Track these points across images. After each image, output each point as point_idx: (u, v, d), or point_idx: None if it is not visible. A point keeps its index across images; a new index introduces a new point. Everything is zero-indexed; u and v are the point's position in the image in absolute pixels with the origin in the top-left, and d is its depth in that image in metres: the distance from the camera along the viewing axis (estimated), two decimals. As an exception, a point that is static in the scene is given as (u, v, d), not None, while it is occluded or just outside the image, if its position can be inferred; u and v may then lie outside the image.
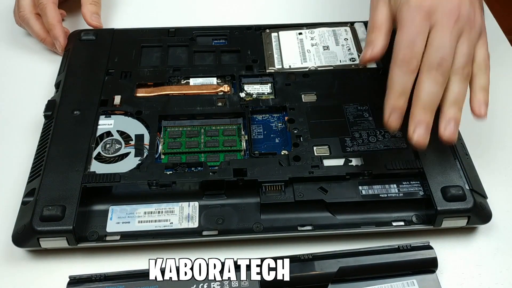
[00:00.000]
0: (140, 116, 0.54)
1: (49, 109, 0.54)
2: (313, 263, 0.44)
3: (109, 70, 0.58)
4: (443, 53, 0.45)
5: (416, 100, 0.45)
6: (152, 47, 0.62)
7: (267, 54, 0.61)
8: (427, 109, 0.45)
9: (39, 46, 0.66)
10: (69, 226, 0.45)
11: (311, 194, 0.48)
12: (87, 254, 0.47)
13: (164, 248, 0.47)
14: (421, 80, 0.45)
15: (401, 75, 0.45)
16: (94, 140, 0.51)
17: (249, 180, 0.48)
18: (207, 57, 0.62)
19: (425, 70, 0.45)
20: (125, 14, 0.71)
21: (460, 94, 0.46)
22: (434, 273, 0.45)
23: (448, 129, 0.45)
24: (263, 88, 0.58)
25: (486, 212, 0.48)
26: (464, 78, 0.46)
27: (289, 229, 0.47)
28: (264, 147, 0.53)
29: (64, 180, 0.48)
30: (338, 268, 0.44)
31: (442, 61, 0.45)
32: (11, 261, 0.47)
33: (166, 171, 0.49)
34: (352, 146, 0.51)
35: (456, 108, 0.46)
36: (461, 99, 0.46)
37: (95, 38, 0.62)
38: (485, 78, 0.48)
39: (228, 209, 0.48)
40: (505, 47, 0.67)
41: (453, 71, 0.46)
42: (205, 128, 0.54)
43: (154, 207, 0.48)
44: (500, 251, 0.48)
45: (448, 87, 0.46)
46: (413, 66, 0.45)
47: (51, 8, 0.63)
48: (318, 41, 0.63)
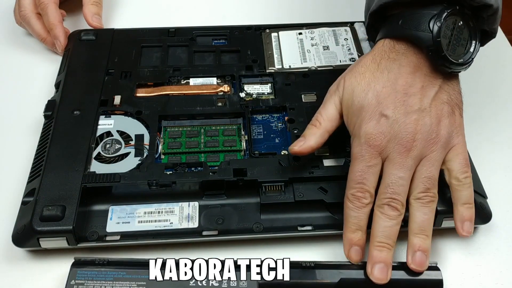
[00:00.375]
0: (140, 116, 0.54)
1: (49, 109, 0.54)
2: (314, 271, 0.44)
3: (109, 70, 0.58)
4: (393, 188, 0.44)
5: (372, 237, 0.44)
6: (152, 47, 0.62)
7: (267, 54, 0.61)
8: (382, 246, 0.43)
9: (39, 46, 0.66)
10: (69, 226, 0.45)
11: (311, 194, 0.48)
12: (87, 254, 0.47)
13: (164, 248, 0.47)
14: (374, 216, 0.44)
15: (354, 210, 0.44)
16: (94, 140, 0.51)
17: (249, 180, 0.48)
18: (207, 57, 0.62)
19: (377, 206, 0.44)
20: (125, 14, 0.71)
21: (424, 221, 0.44)
22: None
23: (416, 259, 0.44)
24: (263, 88, 0.58)
25: (486, 212, 0.48)
26: (426, 202, 0.44)
27: (289, 229, 0.47)
28: (264, 147, 0.53)
29: (64, 180, 0.48)
30: (339, 279, 0.44)
31: (394, 196, 0.44)
32: (11, 261, 0.47)
33: (166, 171, 0.49)
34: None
35: (422, 237, 0.44)
36: (426, 225, 0.44)
37: (95, 38, 0.62)
38: (466, 191, 0.46)
39: (228, 209, 0.48)
40: (505, 47, 0.67)
41: (413, 199, 0.45)
42: (205, 128, 0.54)
43: (154, 207, 0.48)
44: (500, 251, 0.48)
45: (411, 216, 0.45)
46: (364, 202, 0.44)
47: (52, 8, 0.63)
48: (318, 41, 0.63)
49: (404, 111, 0.45)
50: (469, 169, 0.46)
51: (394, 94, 0.46)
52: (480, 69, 0.62)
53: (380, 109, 0.46)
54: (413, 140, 0.45)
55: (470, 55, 0.47)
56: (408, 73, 0.46)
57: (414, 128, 0.45)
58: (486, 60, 0.61)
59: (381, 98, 0.46)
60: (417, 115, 0.45)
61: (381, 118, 0.45)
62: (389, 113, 0.45)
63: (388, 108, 0.45)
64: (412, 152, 0.45)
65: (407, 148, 0.45)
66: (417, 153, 0.45)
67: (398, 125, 0.45)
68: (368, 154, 0.45)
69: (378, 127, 0.45)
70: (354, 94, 0.47)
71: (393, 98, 0.46)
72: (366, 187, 0.44)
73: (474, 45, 0.47)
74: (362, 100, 0.46)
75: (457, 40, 0.46)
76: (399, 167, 0.44)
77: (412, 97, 0.46)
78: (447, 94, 0.47)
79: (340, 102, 0.49)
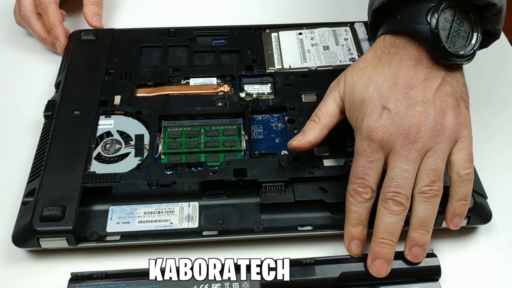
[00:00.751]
0: (140, 116, 0.54)
1: (49, 109, 0.54)
2: (314, 268, 0.44)
3: (109, 70, 0.58)
4: (397, 182, 0.43)
5: (374, 232, 0.44)
6: (152, 47, 0.62)
7: (267, 54, 0.61)
8: (385, 243, 0.43)
9: (39, 46, 0.66)
10: (69, 226, 0.45)
11: (311, 194, 0.48)
12: (87, 254, 0.47)
13: (164, 248, 0.47)
14: (378, 211, 0.44)
15: (355, 205, 0.44)
16: (94, 140, 0.51)
17: (249, 180, 0.48)
18: (207, 57, 0.62)
19: (381, 200, 0.44)
20: (125, 14, 0.71)
21: (426, 216, 0.44)
22: (437, 281, 0.45)
23: (412, 252, 0.44)
24: (263, 88, 0.58)
25: (486, 212, 0.48)
26: (430, 197, 0.44)
27: (289, 229, 0.47)
28: (264, 147, 0.53)
29: (64, 180, 0.48)
30: (340, 273, 0.44)
31: (397, 190, 0.43)
32: (11, 261, 0.47)
33: (166, 171, 0.49)
34: (352, 146, 0.51)
35: (422, 232, 0.44)
36: (428, 221, 0.44)
37: (95, 38, 0.62)
38: (465, 187, 0.45)
39: (228, 209, 0.48)
40: (505, 47, 0.67)
41: (417, 192, 0.44)
42: (205, 128, 0.54)
43: (154, 207, 0.48)
44: (500, 251, 0.48)
45: (413, 209, 0.44)
46: (365, 197, 0.44)
47: (53, 8, 0.63)
48: (318, 41, 0.63)
49: (406, 103, 0.45)
50: (472, 164, 0.45)
51: (396, 87, 0.45)
52: (480, 69, 0.62)
53: (381, 102, 0.45)
54: (417, 132, 0.44)
55: (472, 47, 0.46)
56: (409, 66, 0.46)
57: (418, 120, 0.44)
58: (486, 60, 0.61)
59: (382, 91, 0.45)
60: (421, 107, 0.44)
61: (383, 111, 0.45)
62: (391, 106, 0.45)
63: (390, 101, 0.45)
64: (416, 144, 0.44)
65: (411, 140, 0.44)
66: (422, 145, 0.44)
67: (400, 118, 0.44)
68: (370, 148, 0.44)
69: (380, 121, 0.44)
70: (355, 89, 0.47)
71: (395, 91, 0.45)
72: (367, 182, 0.44)
73: (476, 38, 0.47)
74: (363, 94, 0.46)
75: (457, 32, 0.46)
76: (403, 159, 0.43)
77: (415, 89, 0.45)
78: (451, 86, 0.46)
79: (341, 98, 0.48)
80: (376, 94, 0.45)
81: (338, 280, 0.44)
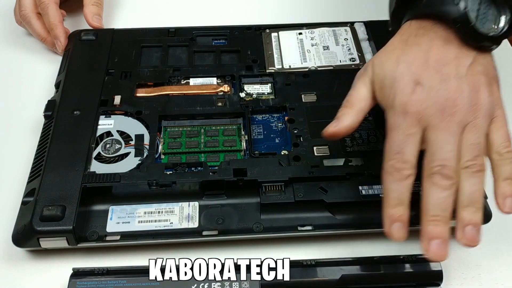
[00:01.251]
0: (140, 116, 0.54)
1: (49, 109, 0.54)
2: (315, 269, 0.44)
3: (109, 70, 0.58)
4: (442, 155, 0.41)
5: (423, 212, 0.40)
6: (152, 47, 0.62)
7: (267, 54, 0.61)
8: (438, 220, 0.40)
9: (39, 46, 0.66)
10: (69, 226, 0.45)
11: (311, 194, 0.48)
12: (87, 254, 0.47)
13: (164, 248, 0.47)
14: (424, 189, 0.41)
15: (393, 183, 0.41)
16: (94, 140, 0.51)
17: (249, 180, 0.48)
18: (207, 57, 0.62)
19: (426, 176, 0.41)
20: (125, 14, 0.71)
21: (473, 192, 0.41)
22: (439, 286, 0.44)
23: (466, 235, 0.41)
24: (263, 88, 0.58)
25: (486, 212, 0.48)
26: (475, 171, 0.41)
27: (289, 229, 0.47)
28: (264, 147, 0.53)
29: (64, 180, 0.48)
30: (340, 275, 0.44)
31: (444, 162, 0.40)
32: (11, 261, 0.47)
33: (166, 171, 0.49)
34: (352, 146, 0.51)
35: (472, 209, 0.41)
36: (476, 197, 0.41)
37: (95, 38, 0.62)
38: (508, 165, 0.42)
39: (228, 209, 0.48)
40: (505, 47, 0.67)
41: (461, 167, 0.41)
42: (205, 128, 0.54)
43: (154, 207, 0.48)
44: (500, 251, 0.48)
45: (459, 186, 0.41)
46: (405, 173, 0.41)
47: (53, 8, 0.63)
48: (318, 41, 0.63)
49: (439, 78, 0.43)
50: (510, 143, 0.43)
51: (427, 64, 0.43)
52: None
53: (414, 78, 0.43)
54: (454, 106, 0.42)
55: (501, 30, 0.44)
56: (439, 46, 0.44)
57: (453, 94, 0.42)
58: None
59: (413, 69, 0.43)
60: (454, 82, 0.42)
61: (416, 87, 0.43)
62: (424, 81, 0.43)
63: (422, 77, 0.43)
64: (455, 117, 0.41)
65: (449, 113, 0.41)
66: (461, 118, 0.41)
67: (435, 92, 0.42)
68: (406, 122, 0.42)
69: (414, 95, 0.42)
70: (384, 68, 0.45)
71: (426, 67, 0.43)
72: (407, 156, 0.41)
73: (504, 21, 0.45)
74: (394, 72, 0.44)
75: (484, 15, 0.44)
76: (444, 131, 0.41)
77: (447, 66, 0.43)
78: (483, 66, 0.44)
79: (371, 81, 0.46)
80: (407, 71, 0.43)
81: (338, 283, 0.43)
